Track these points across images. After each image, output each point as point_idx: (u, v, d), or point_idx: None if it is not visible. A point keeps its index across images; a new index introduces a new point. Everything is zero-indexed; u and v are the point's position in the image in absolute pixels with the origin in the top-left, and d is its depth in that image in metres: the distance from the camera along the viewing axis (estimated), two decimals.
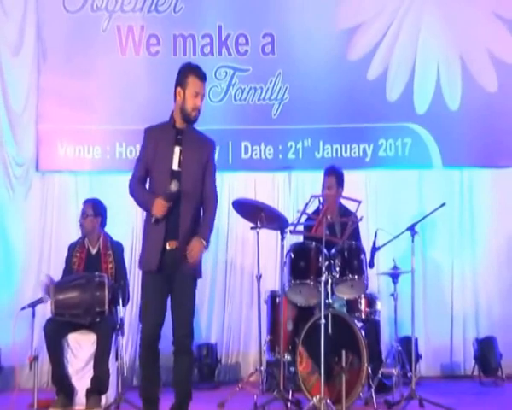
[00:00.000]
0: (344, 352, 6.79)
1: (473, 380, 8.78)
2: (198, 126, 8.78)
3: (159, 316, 6.10)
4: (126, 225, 9.04)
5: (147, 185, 6.16)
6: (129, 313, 8.43)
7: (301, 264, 7.29)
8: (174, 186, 5.75)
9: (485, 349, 8.90)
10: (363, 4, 9.26)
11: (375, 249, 7.45)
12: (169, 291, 6.01)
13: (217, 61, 9.28)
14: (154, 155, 5.99)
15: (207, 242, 5.95)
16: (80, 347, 7.60)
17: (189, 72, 6.10)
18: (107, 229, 8.06)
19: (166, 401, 6.06)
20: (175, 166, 6.00)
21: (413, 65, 9.24)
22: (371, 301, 7.70)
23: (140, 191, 6.08)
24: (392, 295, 7.66)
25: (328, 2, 9.26)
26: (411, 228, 7.42)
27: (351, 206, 7.41)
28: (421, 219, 7.60)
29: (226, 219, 8.95)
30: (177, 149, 6.01)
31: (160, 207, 5.73)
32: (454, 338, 9.16)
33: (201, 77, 6.13)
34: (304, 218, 7.11)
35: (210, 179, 6.08)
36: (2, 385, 8.73)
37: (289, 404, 6.96)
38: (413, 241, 7.41)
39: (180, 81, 6.10)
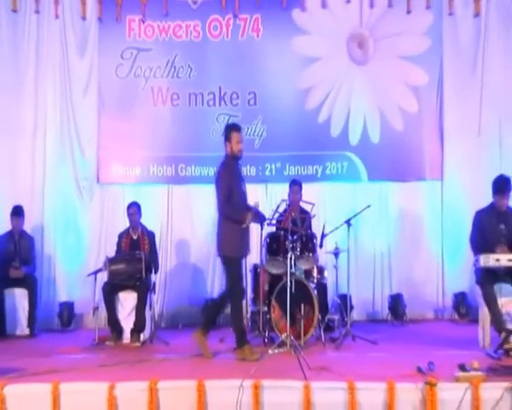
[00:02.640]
0: (302, 305, 6.81)
1: (387, 323, 8.79)
2: (208, 153, 8.82)
3: None
4: (156, 219, 8.94)
5: None
6: (158, 279, 8.37)
7: (274, 246, 7.28)
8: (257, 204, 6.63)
9: (396, 302, 8.92)
10: (313, 72, 9.20)
11: (323, 236, 7.43)
12: None
13: (218, 110, 9.23)
14: (235, 184, 6.34)
15: None
16: (126, 301, 7.60)
17: (231, 129, 6.46)
18: (142, 221, 8.05)
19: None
20: (244, 189, 6.52)
21: (348, 113, 9.20)
22: (321, 271, 7.73)
23: (235, 208, 6.33)
24: (335, 266, 7.72)
25: (292, 71, 9.20)
26: (347, 222, 7.45)
27: (307, 207, 7.46)
28: (354, 216, 7.61)
29: None
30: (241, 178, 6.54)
31: (252, 217, 6.31)
32: (375, 295, 9.14)
33: (239, 129, 6.48)
34: (276, 215, 7.11)
35: None
36: (75, 326, 8.78)
37: (266, 339, 6.99)
38: (348, 230, 7.46)
39: (227, 136, 6.39)
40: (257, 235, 7.56)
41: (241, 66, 9.24)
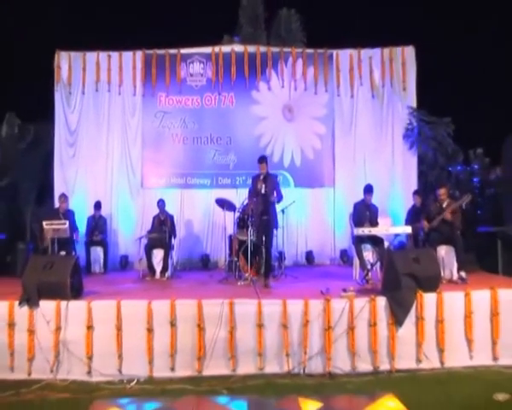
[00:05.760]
0: (257, 257, 6.80)
1: (304, 266, 8.76)
2: (204, 171, 8.56)
3: None
4: (174, 208, 8.70)
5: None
6: (176, 242, 8.18)
7: (241, 223, 7.26)
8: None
9: (309, 255, 8.96)
10: (263, 126, 9.13)
11: None
12: None
13: (209, 147, 9.07)
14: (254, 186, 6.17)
15: None
16: (158, 254, 7.47)
17: (258, 161, 6.32)
18: (166, 209, 7.88)
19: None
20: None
21: (283, 148, 9.15)
22: None
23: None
24: (275, 235, 7.50)
25: (251, 125, 9.09)
26: (282, 210, 7.44)
27: None
28: (285, 207, 7.58)
29: (213, 206, 8.63)
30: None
31: None
32: (297, 251, 9.05)
33: (259, 160, 6.38)
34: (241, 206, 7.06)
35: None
36: (129, 268, 8.60)
37: (236, 276, 6.86)
38: (283, 215, 7.46)
39: (260, 161, 6.32)
40: (232, 216, 7.56)
41: (223, 122, 9.11)
